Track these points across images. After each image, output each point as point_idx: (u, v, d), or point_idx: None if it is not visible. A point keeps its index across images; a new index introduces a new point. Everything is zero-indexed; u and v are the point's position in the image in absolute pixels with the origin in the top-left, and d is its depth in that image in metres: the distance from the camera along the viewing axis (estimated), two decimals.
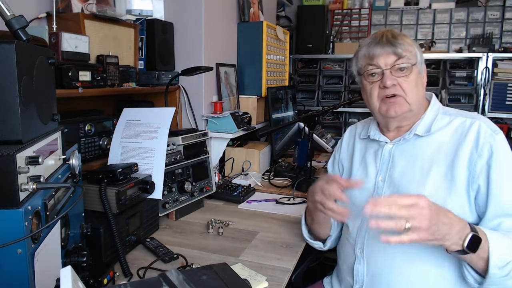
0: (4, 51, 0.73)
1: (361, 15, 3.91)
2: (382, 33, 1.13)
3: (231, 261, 1.24)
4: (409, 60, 1.10)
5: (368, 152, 1.24)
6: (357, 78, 1.22)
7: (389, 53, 1.10)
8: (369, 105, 1.18)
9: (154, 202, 1.44)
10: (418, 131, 1.14)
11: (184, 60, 2.02)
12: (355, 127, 1.37)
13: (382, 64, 1.10)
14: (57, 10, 1.42)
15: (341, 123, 3.80)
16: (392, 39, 1.10)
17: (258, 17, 2.58)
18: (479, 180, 1.02)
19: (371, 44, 1.12)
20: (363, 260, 1.14)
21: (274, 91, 2.44)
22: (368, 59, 1.13)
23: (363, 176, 1.23)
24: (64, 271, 0.57)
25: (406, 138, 1.15)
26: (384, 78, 1.10)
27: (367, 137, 1.26)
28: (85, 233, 1.09)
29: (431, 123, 1.13)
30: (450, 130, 1.11)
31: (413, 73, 1.11)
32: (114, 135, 1.52)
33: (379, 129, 1.24)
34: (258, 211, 1.70)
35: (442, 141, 1.10)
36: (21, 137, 0.75)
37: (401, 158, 1.15)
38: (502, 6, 3.55)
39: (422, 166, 1.10)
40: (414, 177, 1.10)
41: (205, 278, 0.65)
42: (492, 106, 3.28)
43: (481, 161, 1.03)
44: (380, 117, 1.18)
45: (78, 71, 1.33)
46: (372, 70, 1.12)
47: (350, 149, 1.33)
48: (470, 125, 1.08)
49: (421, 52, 1.14)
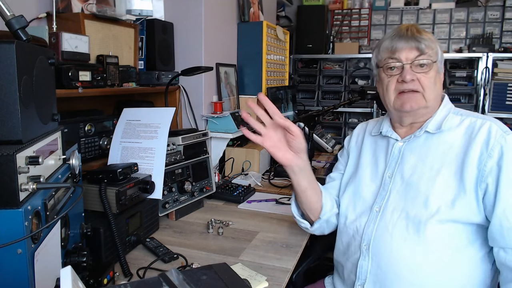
0: (4, 51, 0.73)
1: (361, 15, 3.91)
2: (407, 26, 1.13)
3: (231, 261, 1.24)
4: (430, 57, 1.10)
5: (378, 148, 1.25)
6: (375, 70, 1.21)
7: (412, 48, 1.09)
8: (384, 98, 1.17)
9: (154, 202, 1.44)
10: (429, 128, 1.13)
11: (184, 60, 2.02)
12: (366, 124, 1.37)
13: (403, 58, 1.10)
14: (57, 10, 1.42)
15: (341, 123, 3.80)
16: (417, 34, 1.10)
17: (258, 17, 2.58)
18: (488, 180, 1.02)
19: (395, 37, 1.12)
20: (368, 256, 1.14)
21: (274, 91, 2.44)
22: (390, 52, 1.12)
23: (373, 171, 1.23)
24: (64, 271, 0.57)
25: (417, 135, 1.15)
26: (404, 73, 1.09)
27: (379, 134, 1.26)
28: (85, 233, 1.09)
29: (442, 121, 1.13)
30: (461, 130, 1.11)
31: (432, 70, 1.10)
32: (114, 135, 1.52)
33: (391, 126, 1.23)
34: (258, 211, 1.70)
35: (453, 140, 1.10)
36: (21, 137, 0.75)
37: (411, 156, 1.15)
38: (502, 6, 3.55)
39: (432, 164, 1.10)
40: (424, 175, 1.10)
41: (205, 278, 0.65)
42: (492, 106, 3.29)
43: (491, 161, 1.02)
44: (394, 112, 1.18)
45: (78, 71, 1.33)
46: (393, 63, 1.12)
47: (359, 143, 1.34)
48: (481, 125, 1.08)
49: (442, 51, 1.14)
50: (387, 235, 1.11)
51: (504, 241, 1.00)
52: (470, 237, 1.05)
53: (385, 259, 1.11)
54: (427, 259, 1.05)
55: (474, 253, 1.06)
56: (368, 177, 1.23)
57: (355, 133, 1.39)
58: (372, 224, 1.15)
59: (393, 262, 1.09)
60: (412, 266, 1.07)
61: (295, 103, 2.91)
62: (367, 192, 1.21)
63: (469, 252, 1.06)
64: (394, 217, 1.11)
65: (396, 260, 1.09)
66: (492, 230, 1.02)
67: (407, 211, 1.09)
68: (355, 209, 1.22)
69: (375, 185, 1.20)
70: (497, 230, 1.01)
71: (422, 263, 1.06)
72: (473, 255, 1.06)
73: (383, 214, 1.13)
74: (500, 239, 1.01)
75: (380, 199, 1.16)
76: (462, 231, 1.05)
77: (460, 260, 1.05)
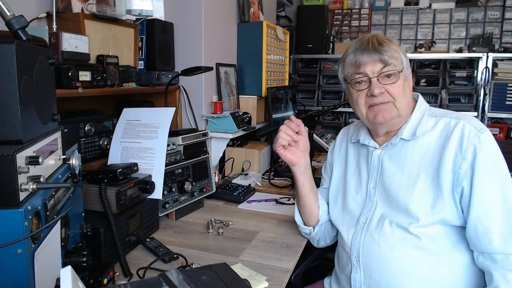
0: (4, 51, 0.73)
1: (361, 15, 3.91)
2: (368, 39, 1.12)
3: (231, 261, 1.24)
4: (395, 67, 1.09)
5: (361, 158, 1.24)
6: (344, 85, 1.21)
7: (376, 61, 1.08)
8: (356, 112, 1.18)
9: (154, 202, 1.44)
10: (404, 135, 1.13)
11: (184, 60, 2.02)
12: (348, 129, 1.36)
13: (369, 72, 1.09)
14: (57, 10, 1.42)
15: (341, 123, 3.80)
16: (378, 46, 1.09)
17: (258, 17, 2.58)
18: (463, 183, 1.01)
19: (357, 52, 1.11)
20: (359, 268, 1.14)
21: (274, 91, 2.44)
22: (354, 67, 1.12)
23: (357, 183, 1.23)
24: (64, 271, 0.57)
25: (393, 143, 1.15)
26: (372, 87, 1.09)
27: (357, 141, 1.26)
28: (85, 233, 1.09)
29: (416, 127, 1.12)
30: (436, 133, 1.09)
31: (400, 79, 1.10)
32: (114, 135, 1.52)
33: (369, 134, 1.23)
34: (258, 211, 1.70)
35: (429, 144, 1.09)
36: (21, 137, 0.75)
37: (390, 164, 1.15)
38: (502, 6, 3.55)
39: (410, 171, 1.10)
40: (402, 183, 1.10)
41: (205, 278, 0.65)
42: (492, 106, 3.28)
43: (465, 163, 1.01)
44: (368, 123, 1.18)
45: (78, 71, 1.33)
46: (359, 78, 1.11)
47: (342, 153, 1.33)
48: (454, 125, 1.06)
49: (406, 57, 1.13)
50: (374, 245, 1.11)
51: (480, 245, 1.00)
52: (456, 239, 1.05)
53: (376, 269, 1.11)
54: (416, 264, 1.05)
55: (462, 255, 1.05)
56: (353, 188, 1.23)
57: (337, 141, 1.38)
58: (359, 236, 1.15)
59: (383, 271, 1.09)
60: (402, 273, 1.07)
61: (295, 103, 2.91)
62: (353, 204, 1.21)
63: (457, 254, 1.05)
64: (379, 226, 1.11)
65: (386, 269, 1.09)
66: (469, 234, 1.01)
67: (391, 218, 1.09)
68: (343, 223, 1.22)
69: (361, 197, 1.20)
70: (473, 234, 1.00)
71: (412, 268, 1.06)
72: (461, 256, 1.05)
73: (369, 225, 1.13)
74: (477, 243, 1.00)
75: (367, 210, 1.16)
76: (447, 233, 1.04)
77: (449, 262, 1.05)
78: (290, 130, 1.20)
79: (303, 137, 1.21)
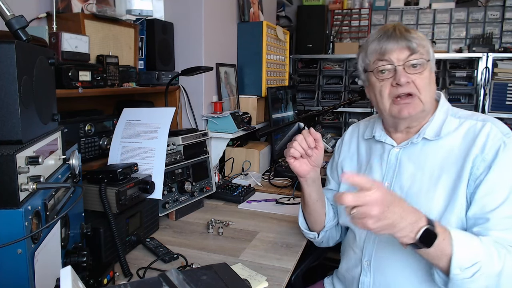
0: (4, 51, 0.73)
1: (361, 15, 3.91)
2: (393, 26, 1.04)
3: (231, 261, 1.24)
4: (422, 56, 1.02)
5: (374, 155, 1.17)
6: (363, 75, 1.13)
7: (403, 48, 1.02)
8: (378, 105, 1.09)
9: (154, 202, 1.44)
10: (427, 134, 1.06)
11: (184, 60, 2.02)
12: (358, 126, 1.30)
13: (394, 60, 1.02)
14: (57, 10, 1.42)
15: (341, 123, 3.80)
16: (406, 32, 1.02)
17: (258, 17, 2.58)
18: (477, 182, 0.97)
19: (382, 38, 1.04)
20: (370, 272, 1.10)
21: (274, 91, 2.44)
22: (379, 54, 1.04)
23: None
24: (64, 271, 0.57)
25: (414, 142, 1.08)
26: (397, 75, 1.01)
27: (372, 138, 1.20)
28: (85, 233, 1.09)
29: (441, 126, 1.06)
30: (460, 134, 1.04)
31: (426, 70, 1.03)
32: (114, 135, 1.52)
33: (384, 130, 1.17)
34: (258, 211, 1.70)
35: (452, 146, 1.03)
36: (21, 137, 0.75)
37: (409, 164, 1.08)
38: (502, 6, 3.55)
39: (432, 173, 1.04)
40: (423, 185, 1.04)
41: (205, 278, 0.65)
42: (492, 106, 3.28)
43: (483, 164, 0.97)
44: (389, 118, 1.10)
45: (78, 71, 1.33)
46: (383, 66, 1.04)
47: (353, 150, 1.27)
48: (481, 128, 1.01)
49: (432, 48, 1.08)
50: (389, 248, 1.06)
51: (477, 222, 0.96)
52: None
53: (388, 277, 1.06)
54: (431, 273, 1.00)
55: None
56: None
57: (346, 139, 1.31)
58: (372, 238, 1.10)
59: (397, 276, 1.05)
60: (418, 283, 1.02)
61: (295, 103, 2.91)
62: None
63: None
64: None
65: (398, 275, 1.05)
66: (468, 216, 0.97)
67: None
68: None
69: None
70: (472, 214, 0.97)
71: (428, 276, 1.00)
72: None
73: None
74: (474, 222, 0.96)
75: None
76: None
77: None
78: (305, 143, 1.12)
79: (318, 152, 1.14)
